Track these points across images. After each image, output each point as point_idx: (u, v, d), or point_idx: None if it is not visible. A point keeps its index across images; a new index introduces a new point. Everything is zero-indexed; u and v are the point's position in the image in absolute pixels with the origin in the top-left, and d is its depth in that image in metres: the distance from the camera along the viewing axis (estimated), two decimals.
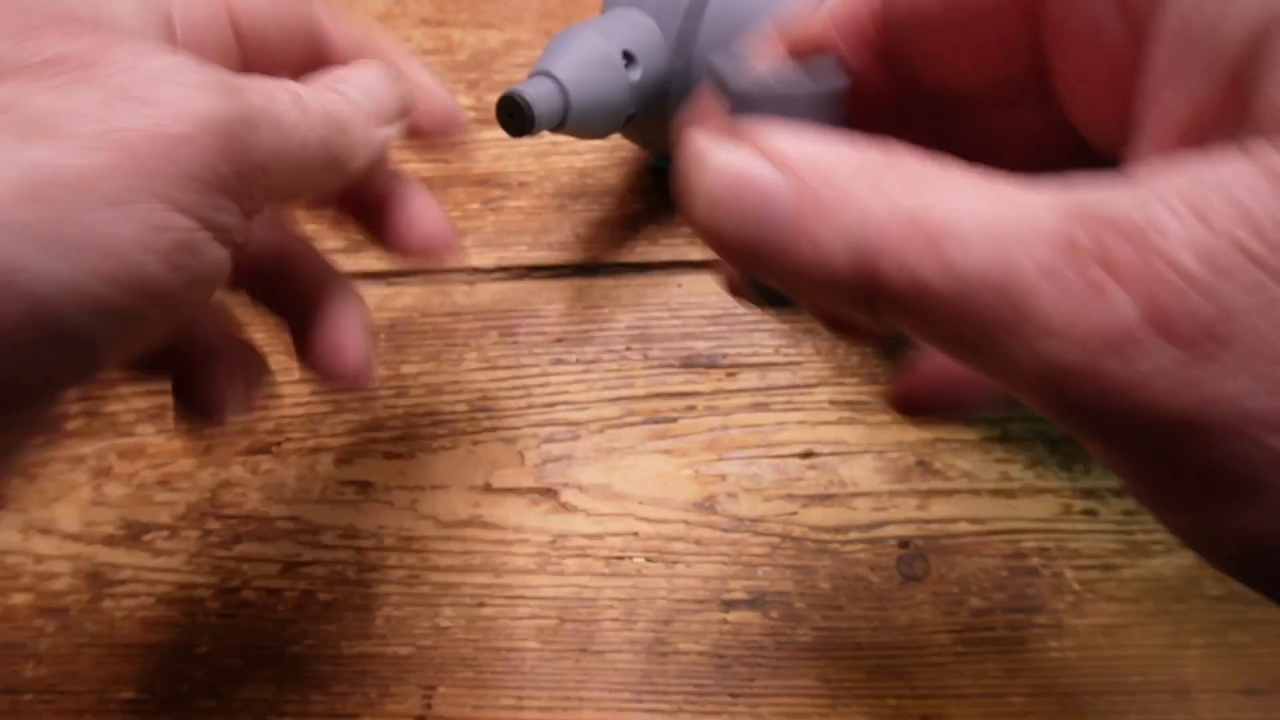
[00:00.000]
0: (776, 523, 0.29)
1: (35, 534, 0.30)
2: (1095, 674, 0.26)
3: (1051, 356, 0.10)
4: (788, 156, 0.12)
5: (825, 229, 0.12)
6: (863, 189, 0.11)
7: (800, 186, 0.12)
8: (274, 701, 0.27)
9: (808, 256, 0.12)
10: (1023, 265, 0.10)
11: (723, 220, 0.13)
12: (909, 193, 0.11)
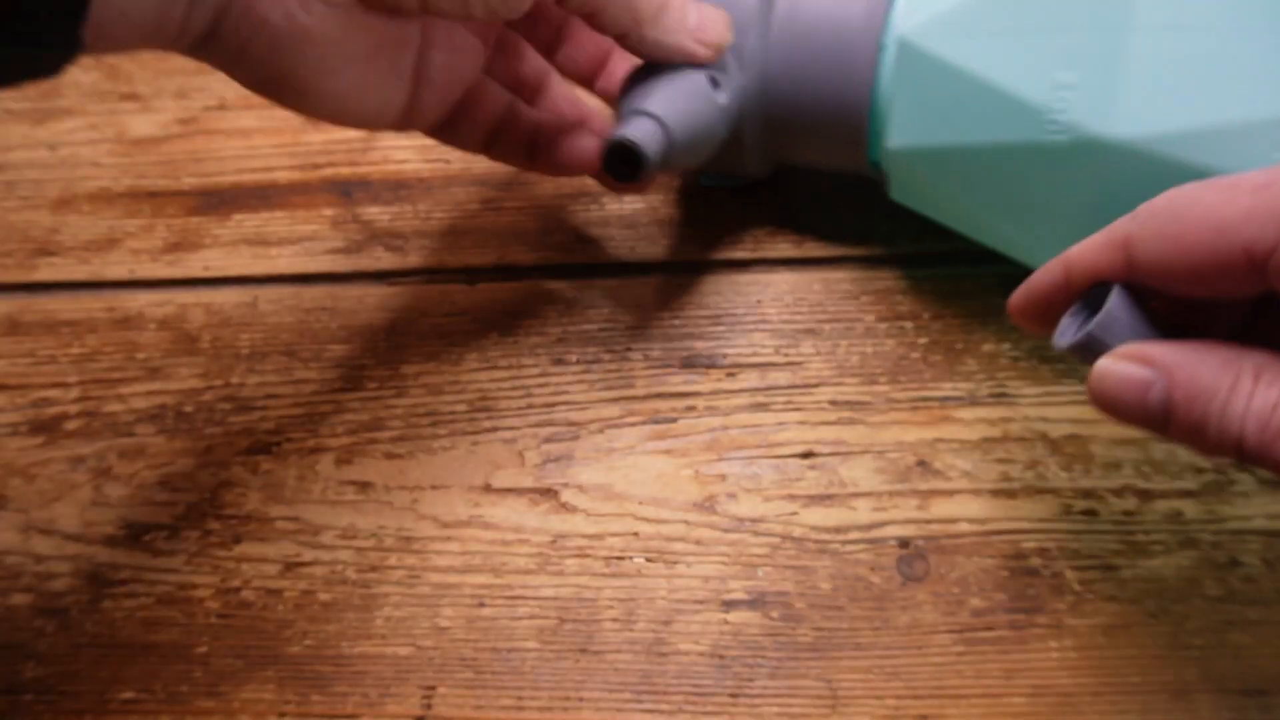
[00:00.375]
0: (776, 523, 0.29)
1: (35, 534, 0.30)
2: (1095, 674, 0.26)
3: None
4: (1159, 360, 0.19)
5: (1197, 423, 0.19)
6: (1224, 393, 0.18)
7: (1171, 385, 0.19)
8: (274, 701, 0.27)
9: (1188, 439, 0.19)
10: None
11: (1119, 408, 0.20)
12: (1268, 404, 0.18)
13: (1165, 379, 0.19)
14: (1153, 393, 0.19)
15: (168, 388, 0.32)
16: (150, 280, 0.35)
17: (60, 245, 0.36)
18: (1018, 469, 0.29)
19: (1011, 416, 0.30)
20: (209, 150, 0.37)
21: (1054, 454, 0.29)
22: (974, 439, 0.30)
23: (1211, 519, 0.28)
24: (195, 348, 0.33)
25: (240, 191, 0.36)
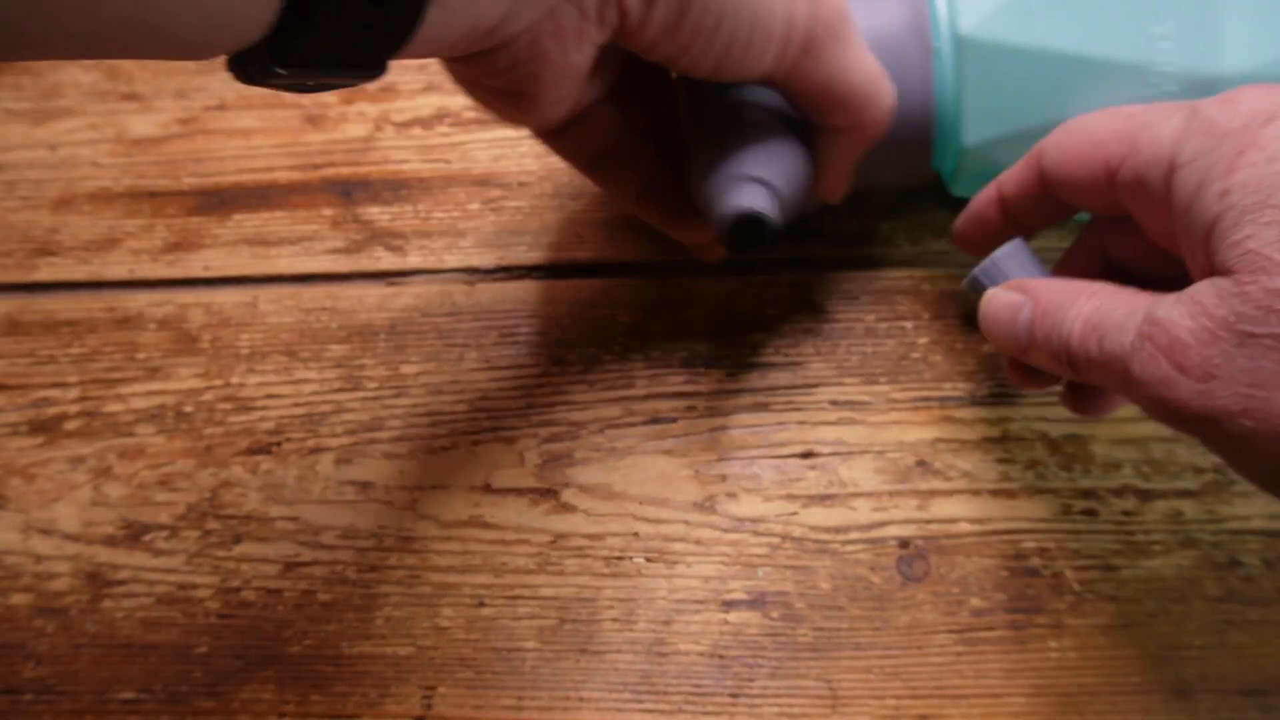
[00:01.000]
0: (776, 523, 0.29)
1: (35, 534, 0.30)
2: (1095, 674, 0.26)
3: (1144, 394, 0.20)
4: (1029, 289, 0.23)
5: (1047, 332, 0.22)
6: (1066, 305, 0.22)
7: (1035, 305, 0.23)
8: (274, 701, 0.27)
9: (1042, 350, 0.23)
10: (1125, 346, 0.20)
11: (996, 326, 0.24)
12: (1088, 304, 0.22)
13: (1032, 302, 0.23)
14: (1022, 314, 0.23)
15: (168, 388, 0.32)
16: (150, 280, 0.35)
17: (60, 245, 0.36)
18: (1018, 469, 0.29)
19: (1011, 416, 0.30)
20: (209, 150, 0.37)
21: (1054, 454, 0.29)
22: (974, 439, 0.30)
23: (1211, 519, 0.28)
24: (195, 348, 0.33)
25: (240, 191, 0.36)
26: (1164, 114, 0.21)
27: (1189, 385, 0.19)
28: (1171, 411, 0.19)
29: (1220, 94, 0.20)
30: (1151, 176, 0.21)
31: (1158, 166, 0.21)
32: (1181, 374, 0.19)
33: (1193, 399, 0.19)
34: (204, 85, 0.39)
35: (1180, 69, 0.24)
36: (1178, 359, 0.19)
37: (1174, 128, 0.20)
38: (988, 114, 0.27)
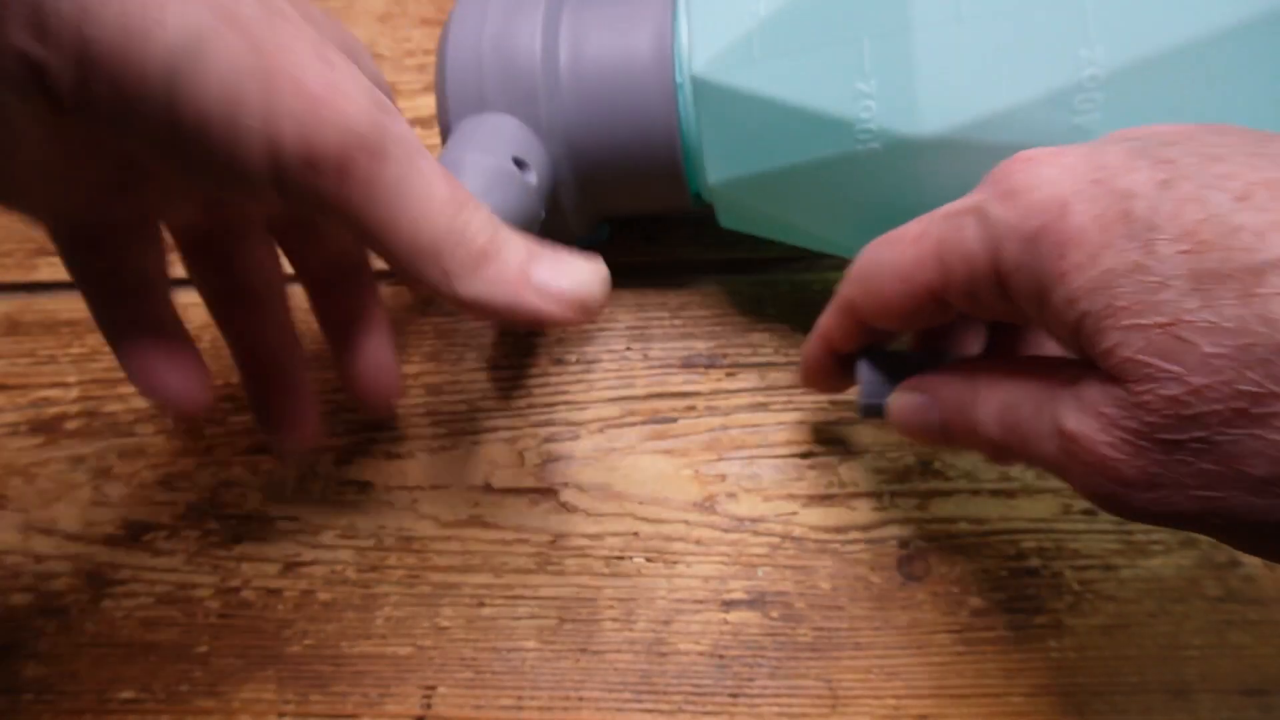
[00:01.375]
0: (776, 523, 0.29)
1: (35, 534, 0.30)
2: (1095, 674, 0.26)
3: (1094, 501, 0.19)
4: (926, 386, 0.23)
5: (959, 427, 0.22)
6: (968, 400, 0.22)
7: (938, 401, 0.23)
8: (274, 701, 0.27)
9: (961, 441, 0.23)
10: (1056, 461, 0.19)
11: (913, 433, 0.24)
12: (992, 402, 0.21)
13: (934, 398, 0.23)
14: (930, 416, 0.23)
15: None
16: None
17: None
18: (1018, 469, 0.29)
19: None
20: None
21: None
22: None
23: None
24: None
25: None
26: (952, 226, 0.20)
27: (1141, 496, 0.18)
28: (1136, 517, 0.18)
29: (989, 182, 0.19)
30: (984, 289, 0.20)
31: (986, 279, 0.19)
32: (1127, 488, 0.18)
33: (1150, 504, 0.18)
34: None
35: (880, 127, 0.24)
36: (1113, 474, 0.18)
37: (974, 238, 0.19)
38: (727, 154, 0.26)
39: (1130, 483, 0.18)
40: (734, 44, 0.25)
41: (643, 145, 0.27)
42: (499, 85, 0.27)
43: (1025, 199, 0.18)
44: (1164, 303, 0.16)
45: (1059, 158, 0.18)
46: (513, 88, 0.27)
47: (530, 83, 0.27)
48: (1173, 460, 0.17)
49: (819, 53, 0.24)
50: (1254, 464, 0.16)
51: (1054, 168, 0.18)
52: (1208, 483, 0.17)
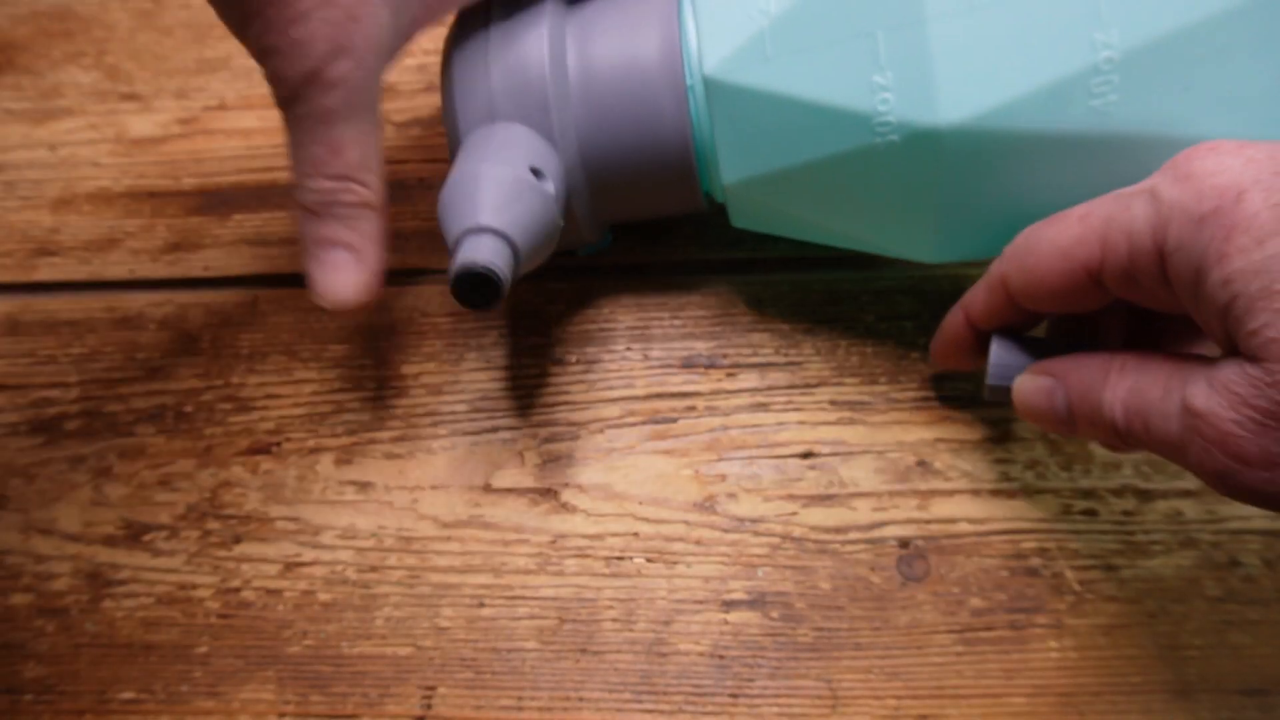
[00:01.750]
0: (776, 523, 0.29)
1: (35, 534, 0.30)
2: (1095, 674, 0.26)
3: (1208, 479, 0.20)
4: (1057, 371, 0.24)
5: (1087, 414, 0.23)
6: (1098, 383, 0.22)
7: (1067, 388, 0.23)
8: (274, 701, 0.27)
9: (1088, 430, 0.23)
10: (1174, 435, 0.20)
11: (1037, 416, 0.24)
12: (1121, 387, 0.22)
13: (1062, 383, 0.23)
14: (1057, 398, 0.23)
15: (168, 388, 0.32)
16: (150, 280, 0.35)
17: (60, 245, 0.36)
18: (1018, 469, 0.29)
19: (1011, 416, 0.30)
20: (209, 150, 0.37)
21: (1054, 454, 0.29)
22: (974, 439, 0.30)
23: (1211, 519, 0.28)
24: (195, 348, 0.33)
25: (240, 191, 0.36)
26: (1120, 205, 0.21)
27: (1256, 474, 0.19)
28: (1244, 494, 0.19)
29: (1168, 168, 0.20)
30: (1142, 269, 0.21)
31: (1146, 258, 0.20)
32: (1245, 465, 0.19)
33: (1265, 484, 0.19)
34: (204, 85, 0.39)
35: (900, 119, 0.24)
36: (1233, 451, 0.19)
37: (1142, 218, 0.20)
38: (742, 154, 0.26)
39: (1249, 460, 0.19)
40: (746, 43, 0.25)
41: (655, 148, 0.27)
42: (508, 94, 0.26)
43: (1202, 183, 0.19)
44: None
45: (1243, 149, 0.19)
46: (523, 96, 0.26)
47: (540, 91, 0.26)
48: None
49: (833, 48, 0.24)
50: None
51: (1237, 158, 0.19)
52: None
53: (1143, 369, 0.22)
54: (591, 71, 0.27)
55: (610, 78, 0.27)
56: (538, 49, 0.27)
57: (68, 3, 0.42)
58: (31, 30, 0.41)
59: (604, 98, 0.27)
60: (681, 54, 0.27)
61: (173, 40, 0.40)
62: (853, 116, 0.24)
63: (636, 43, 0.27)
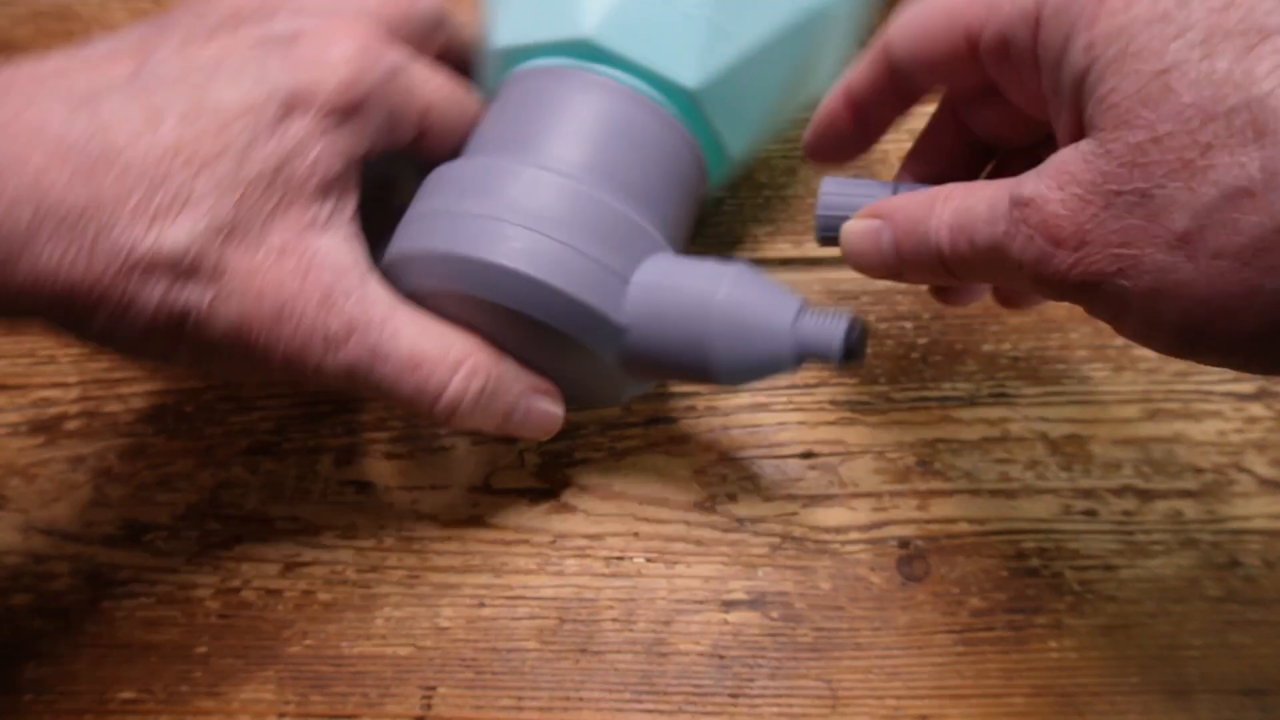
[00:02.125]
0: (776, 523, 0.29)
1: (35, 534, 0.30)
2: (1095, 674, 0.26)
3: (1027, 277, 0.19)
4: (884, 211, 0.23)
5: (913, 247, 0.22)
6: (924, 218, 0.22)
7: (893, 225, 0.23)
8: (274, 701, 0.27)
9: (914, 267, 0.23)
10: (998, 235, 0.20)
11: (863, 257, 0.24)
12: (946, 209, 0.21)
13: (889, 222, 0.23)
14: (883, 237, 0.23)
15: (168, 388, 0.32)
16: None
17: None
18: (1018, 469, 0.29)
19: (1011, 416, 0.30)
20: None
21: (1054, 454, 0.29)
22: (974, 439, 0.30)
23: (1211, 519, 0.28)
24: None
25: None
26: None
27: (1064, 256, 0.18)
28: (1053, 285, 0.19)
29: None
30: (1017, 35, 0.20)
31: (1023, 24, 0.20)
32: (1056, 247, 0.18)
33: (1070, 269, 0.18)
34: None
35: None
36: (1052, 233, 0.18)
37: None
38: (741, 126, 0.28)
39: (1061, 241, 0.18)
40: (706, 42, 0.27)
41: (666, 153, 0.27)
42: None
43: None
44: (1169, 51, 0.17)
45: None
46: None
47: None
48: (1106, 214, 0.18)
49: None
50: (1177, 217, 0.17)
51: None
52: (1127, 239, 0.18)
53: (971, 192, 0.21)
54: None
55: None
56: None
57: (68, 3, 0.42)
58: (31, 30, 0.41)
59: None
60: (648, 91, 0.27)
61: None
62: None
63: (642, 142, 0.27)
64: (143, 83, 0.22)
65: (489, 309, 0.24)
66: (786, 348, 0.24)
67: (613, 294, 0.24)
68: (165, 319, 0.21)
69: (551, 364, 0.27)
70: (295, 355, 0.23)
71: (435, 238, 0.24)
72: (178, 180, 0.21)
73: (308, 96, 0.23)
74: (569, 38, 0.26)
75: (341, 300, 0.23)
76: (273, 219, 0.22)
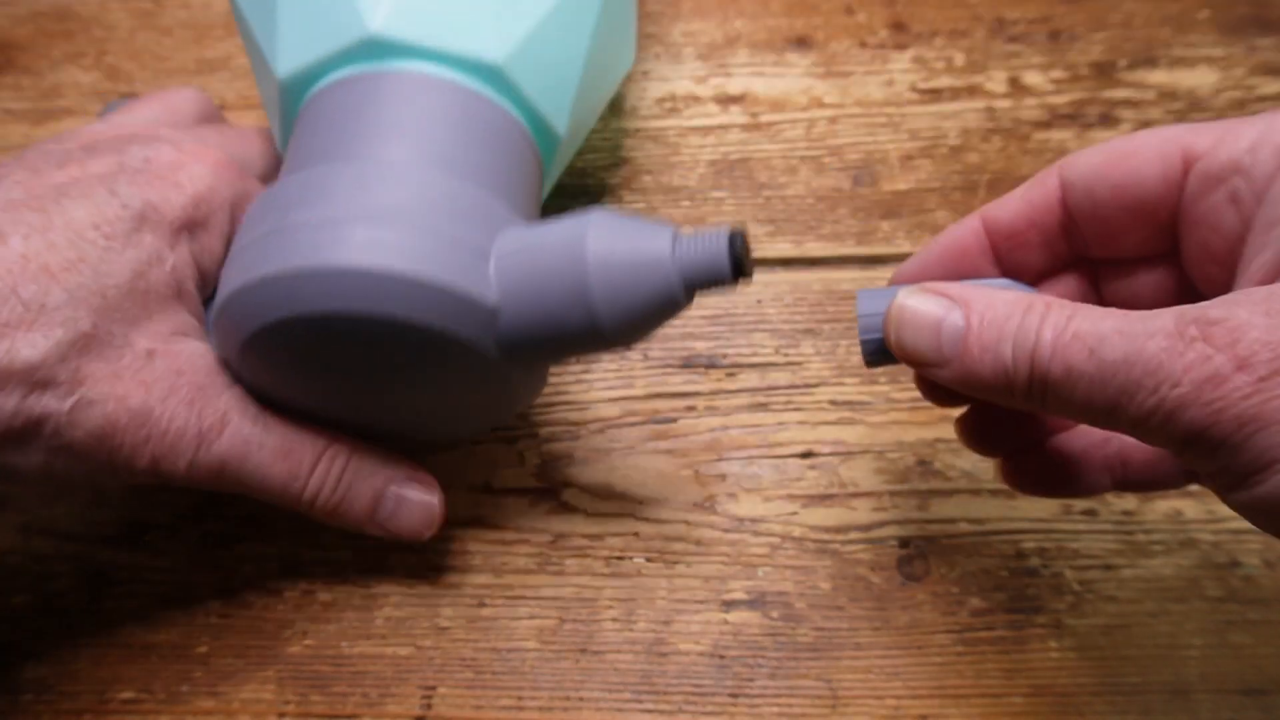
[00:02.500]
0: (776, 523, 0.29)
1: (35, 534, 0.30)
2: (1095, 674, 0.26)
3: (1175, 399, 0.17)
4: (956, 295, 0.20)
5: (993, 343, 0.19)
6: (1018, 315, 0.19)
7: (968, 312, 0.19)
8: (274, 701, 0.27)
9: (982, 365, 0.19)
10: (1148, 348, 0.17)
11: (914, 332, 0.20)
12: (1057, 315, 0.18)
13: (962, 308, 0.20)
14: (950, 318, 0.20)
15: None
16: None
17: None
18: None
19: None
20: None
21: None
22: None
23: (1211, 519, 0.28)
24: None
25: None
26: (1226, 126, 0.20)
27: (1244, 380, 0.16)
28: (1199, 416, 0.16)
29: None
30: (1257, 162, 0.19)
31: (1271, 151, 0.19)
32: (1238, 370, 0.16)
33: (1245, 396, 0.16)
34: (204, 85, 0.39)
35: None
36: (1242, 352, 0.16)
37: (1230, 220, 0.19)
38: (557, 97, 0.27)
39: (1250, 365, 0.16)
40: (529, 35, 0.26)
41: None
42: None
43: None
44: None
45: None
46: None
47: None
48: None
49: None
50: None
51: None
52: None
53: (1093, 307, 0.19)
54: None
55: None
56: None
57: (68, 3, 0.42)
58: (31, 30, 0.41)
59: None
60: (519, 119, 0.26)
61: (173, 40, 0.40)
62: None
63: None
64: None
65: (342, 338, 0.22)
66: (673, 278, 0.21)
67: (475, 272, 0.22)
68: (21, 427, 0.21)
69: (429, 391, 0.25)
70: (165, 454, 0.23)
71: (266, 261, 0.21)
72: (28, 291, 0.21)
73: (160, 209, 0.23)
74: (354, 40, 0.24)
75: (214, 396, 0.23)
76: (136, 325, 0.23)
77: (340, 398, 0.25)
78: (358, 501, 0.26)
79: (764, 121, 0.37)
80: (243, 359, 0.23)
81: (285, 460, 0.25)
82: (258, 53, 0.27)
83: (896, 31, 0.39)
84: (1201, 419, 0.16)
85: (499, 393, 0.25)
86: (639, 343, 0.25)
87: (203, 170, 0.25)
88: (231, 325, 0.22)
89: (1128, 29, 0.38)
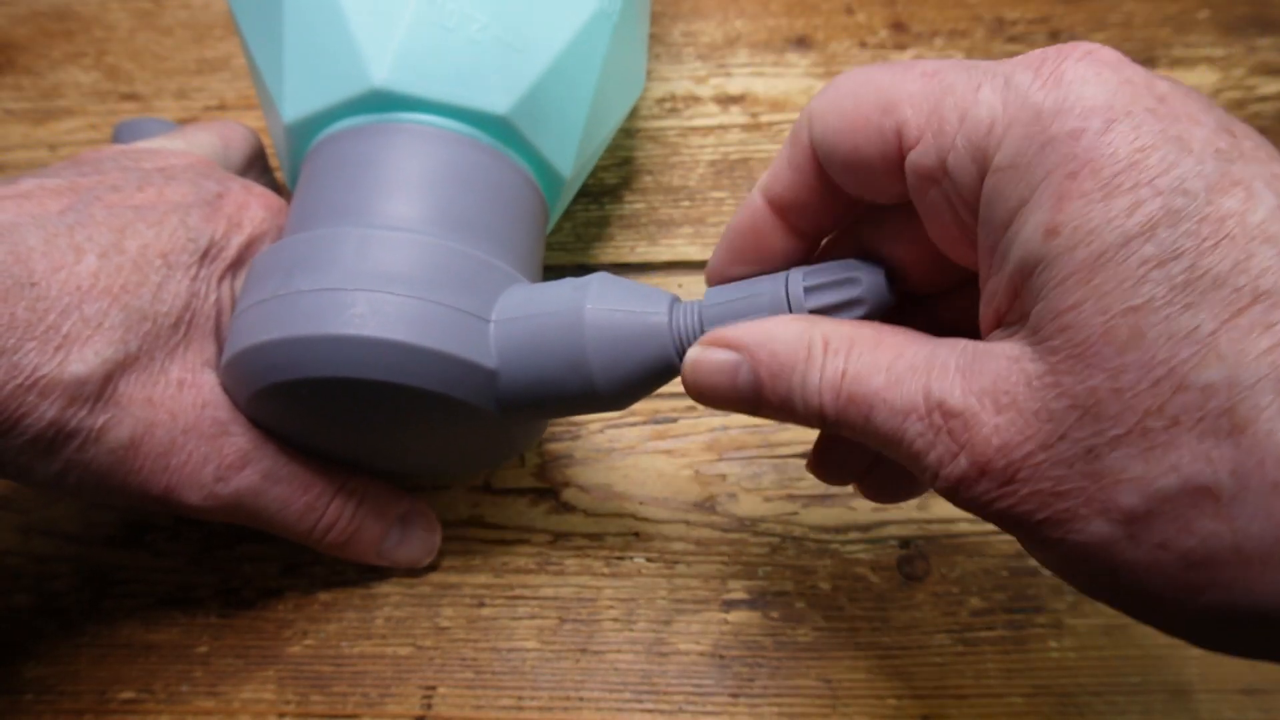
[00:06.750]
0: (776, 523, 0.29)
1: (35, 534, 0.30)
2: (1095, 674, 0.26)
3: (944, 486, 0.17)
4: (732, 341, 0.20)
5: (785, 395, 0.19)
6: (800, 367, 0.19)
7: (755, 364, 0.19)
8: (274, 701, 0.27)
9: (784, 414, 0.19)
10: (908, 432, 0.17)
11: (714, 394, 0.20)
12: (831, 367, 0.18)
13: (749, 359, 0.19)
14: (740, 375, 0.20)
15: None
16: None
17: None
18: None
19: None
20: None
21: None
22: None
23: None
24: None
25: None
26: (969, 80, 0.17)
27: (988, 485, 0.16)
28: (966, 507, 0.17)
29: (1037, 58, 0.16)
30: (960, 169, 0.17)
31: (970, 160, 0.17)
32: (982, 475, 0.16)
33: (992, 501, 0.16)
34: (204, 85, 0.39)
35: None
36: (979, 460, 0.16)
37: (985, 107, 0.16)
38: (563, 142, 0.27)
39: (989, 472, 0.16)
40: (532, 90, 0.26)
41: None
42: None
43: (1067, 92, 0.16)
44: (1147, 281, 0.14)
45: (1123, 66, 0.16)
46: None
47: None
48: (1045, 457, 0.15)
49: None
50: (1125, 492, 0.15)
51: (1116, 75, 0.16)
52: (1064, 491, 0.15)
53: (862, 352, 0.18)
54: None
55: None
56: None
57: (68, 3, 0.42)
58: (31, 30, 0.41)
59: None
60: (522, 167, 0.26)
61: (173, 40, 0.40)
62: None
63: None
64: (70, 220, 0.23)
65: (346, 395, 0.22)
66: (668, 346, 0.22)
67: (475, 337, 0.22)
68: (52, 435, 0.22)
69: (430, 441, 0.25)
70: (179, 485, 0.24)
71: (270, 327, 0.22)
72: (91, 309, 0.22)
73: (221, 247, 0.25)
74: (360, 92, 0.25)
75: (237, 432, 0.24)
76: (174, 354, 0.24)
77: (345, 442, 0.26)
78: (366, 536, 0.27)
79: (764, 121, 0.37)
80: (250, 408, 0.24)
81: (303, 497, 0.25)
82: (264, 91, 0.27)
83: (896, 31, 0.39)
84: (971, 507, 0.17)
85: (500, 440, 0.26)
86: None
87: (264, 215, 0.26)
88: (239, 379, 0.23)
89: (1128, 29, 0.38)
